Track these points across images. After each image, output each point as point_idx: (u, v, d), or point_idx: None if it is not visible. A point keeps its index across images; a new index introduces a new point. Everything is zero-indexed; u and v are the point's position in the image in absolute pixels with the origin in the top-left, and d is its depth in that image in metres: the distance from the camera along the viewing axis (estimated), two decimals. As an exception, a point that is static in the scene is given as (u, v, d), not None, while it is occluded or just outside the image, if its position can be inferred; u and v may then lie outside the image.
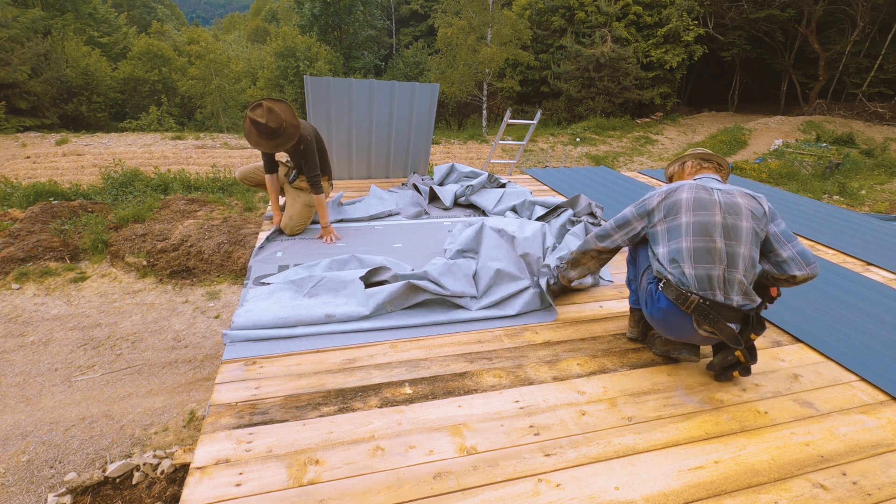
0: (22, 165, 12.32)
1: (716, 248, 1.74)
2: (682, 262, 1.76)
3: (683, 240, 1.78)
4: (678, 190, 1.87)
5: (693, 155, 2.14)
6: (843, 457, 1.61)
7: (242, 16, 53.45)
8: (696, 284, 1.74)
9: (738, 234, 1.76)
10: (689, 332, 1.82)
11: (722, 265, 1.74)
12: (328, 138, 4.57)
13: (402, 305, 2.33)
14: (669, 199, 1.86)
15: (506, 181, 4.30)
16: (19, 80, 16.98)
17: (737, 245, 1.75)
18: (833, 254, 3.45)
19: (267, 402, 1.73)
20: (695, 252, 1.75)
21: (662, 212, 1.86)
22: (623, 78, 20.80)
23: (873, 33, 19.84)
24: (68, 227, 6.12)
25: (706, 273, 1.74)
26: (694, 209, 1.80)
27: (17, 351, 4.20)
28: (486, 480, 1.45)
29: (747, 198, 1.83)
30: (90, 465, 3.09)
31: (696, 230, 1.77)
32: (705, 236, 1.75)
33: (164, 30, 30.38)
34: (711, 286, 1.74)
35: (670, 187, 1.90)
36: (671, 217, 1.84)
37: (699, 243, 1.75)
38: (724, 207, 1.79)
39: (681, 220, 1.80)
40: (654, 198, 1.91)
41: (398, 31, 32.61)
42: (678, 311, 1.78)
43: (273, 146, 2.93)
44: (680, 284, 1.76)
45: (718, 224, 1.76)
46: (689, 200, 1.82)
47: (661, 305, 1.81)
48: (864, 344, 2.28)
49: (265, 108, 2.81)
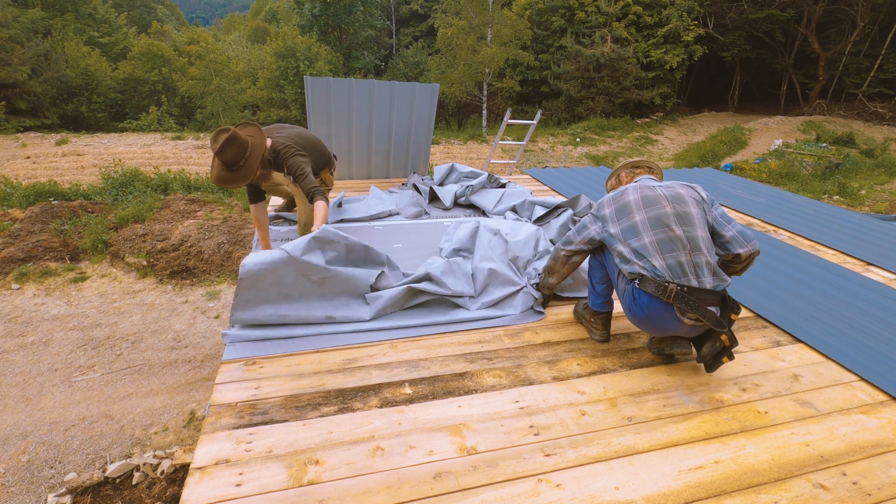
0: (22, 165, 12.32)
1: (676, 236, 1.82)
2: (649, 256, 1.83)
3: (644, 236, 1.85)
4: (623, 193, 1.97)
5: (624, 166, 2.28)
6: (843, 457, 1.61)
7: (242, 16, 53.45)
8: (669, 273, 1.79)
9: (691, 220, 1.86)
10: (674, 323, 1.84)
11: (686, 250, 1.81)
12: (328, 138, 4.57)
13: (402, 307, 2.34)
14: (618, 203, 1.96)
15: (506, 181, 4.30)
16: (19, 80, 16.98)
17: (692, 229, 1.84)
18: (833, 254, 3.45)
19: (267, 403, 1.73)
20: (658, 244, 1.83)
21: (614, 215, 1.95)
22: (623, 78, 20.81)
23: (873, 33, 19.84)
24: (68, 227, 6.12)
25: (675, 261, 1.80)
26: (644, 206, 1.90)
27: (17, 351, 4.20)
28: (486, 480, 1.45)
29: (686, 188, 1.97)
30: (90, 466, 3.09)
31: (653, 224, 1.85)
32: (663, 227, 1.84)
33: (164, 30, 30.36)
34: (684, 272, 1.79)
35: (615, 193, 2.01)
36: (623, 219, 1.92)
37: (660, 234, 1.83)
38: (670, 199, 1.90)
39: (634, 219, 1.89)
40: (604, 204, 2.02)
41: (398, 31, 32.61)
42: (660, 303, 1.81)
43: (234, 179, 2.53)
44: (655, 276, 1.81)
45: (671, 214, 1.86)
46: (636, 200, 1.92)
47: (642, 302, 1.85)
48: (864, 344, 2.28)
49: (226, 139, 2.43)
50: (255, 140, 2.57)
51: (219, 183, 2.54)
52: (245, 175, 2.51)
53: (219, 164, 2.51)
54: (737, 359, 2.13)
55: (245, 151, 2.50)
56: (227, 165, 2.47)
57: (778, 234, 3.83)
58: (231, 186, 2.58)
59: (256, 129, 2.63)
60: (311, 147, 2.97)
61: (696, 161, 15.76)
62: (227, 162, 2.45)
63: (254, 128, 2.64)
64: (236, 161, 2.47)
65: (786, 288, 2.82)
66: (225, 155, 2.43)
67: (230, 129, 2.45)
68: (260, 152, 2.54)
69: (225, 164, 2.46)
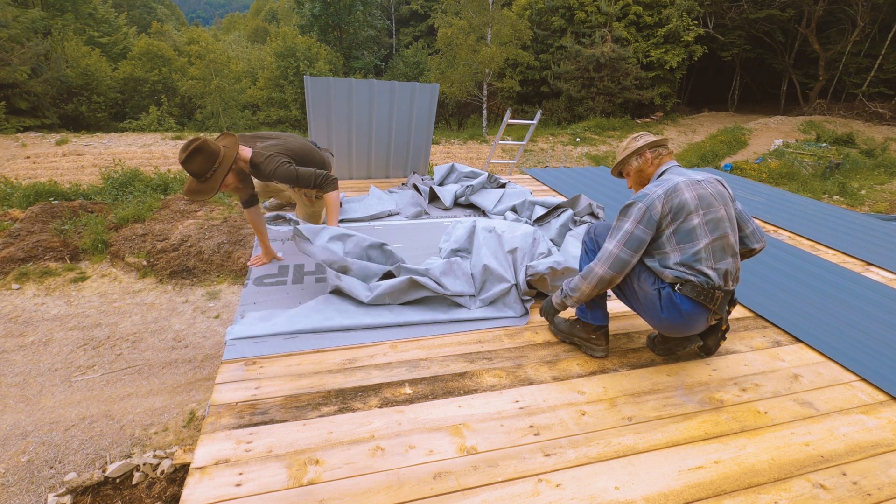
0: (22, 165, 12.31)
1: (728, 244, 1.79)
2: (701, 263, 1.74)
3: (701, 241, 1.74)
4: (676, 191, 1.76)
5: (648, 144, 1.98)
6: (843, 457, 1.61)
7: (242, 16, 53.42)
8: (719, 280, 1.77)
9: (734, 223, 1.85)
10: (700, 325, 1.84)
11: (735, 257, 1.81)
12: (328, 138, 4.57)
13: (401, 300, 2.35)
14: (673, 201, 1.75)
15: (506, 181, 4.30)
16: (19, 80, 16.97)
17: (735, 234, 1.84)
18: (833, 254, 3.45)
19: (267, 403, 1.73)
20: (713, 251, 1.76)
21: (669, 216, 1.76)
22: (623, 78, 20.80)
23: (873, 33, 19.83)
24: (68, 227, 6.12)
25: (724, 268, 1.78)
26: (702, 208, 1.75)
27: (17, 351, 4.20)
28: (486, 480, 1.45)
29: (720, 185, 1.88)
30: (90, 465, 3.09)
31: (711, 229, 1.75)
32: (720, 234, 1.77)
33: (164, 30, 30.35)
34: (727, 279, 1.79)
35: (667, 188, 1.77)
36: (680, 219, 1.75)
37: (717, 242, 1.76)
38: (717, 199, 1.80)
39: (693, 221, 1.74)
40: (656, 204, 1.75)
41: (398, 31, 32.61)
42: (702, 309, 1.78)
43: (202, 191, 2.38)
44: (705, 284, 1.74)
45: (725, 218, 1.80)
46: (693, 199, 1.75)
47: (684, 308, 1.75)
48: (864, 344, 2.28)
49: (194, 148, 2.29)
50: (228, 151, 2.43)
51: (188, 195, 2.39)
52: (211, 187, 2.37)
53: (189, 176, 2.39)
54: (737, 359, 2.13)
55: (213, 162, 2.35)
56: (195, 176, 2.34)
57: (778, 234, 3.83)
58: (200, 198, 2.42)
59: (232, 139, 2.50)
60: (299, 156, 2.77)
61: (696, 161, 15.76)
62: (195, 172, 2.32)
63: (230, 138, 2.51)
64: (204, 172, 2.33)
65: (786, 288, 2.82)
66: (192, 165, 2.30)
67: (200, 139, 2.33)
68: (228, 162, 2.39)
69: (193, 174, 2.34)
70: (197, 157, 2.30)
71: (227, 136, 2.52)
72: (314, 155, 2.92)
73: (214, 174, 2.36)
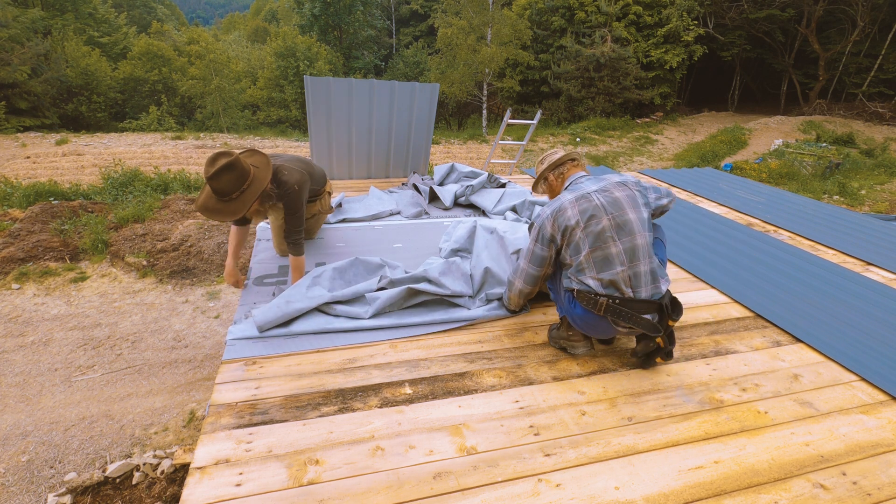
0: (22, 165, 12.31)
1: (612, 254, 1.84)
2: (585, 274, 1.87)
3: (581, 254, 1.87)
4: (560, 210, 1.92)
5: (549, 168, 2.19)
6: (843, 457, 1.61)
7: (242, 16, 53.41)
8: (602, 289, 1.84)
9: (630, 228, 1.87)
10: (610, 330, 1.94)
11: (623, 266, 1.84)
12: (328, 138, 4.57)
13: (401, 307, 2.34)
14: (559, 221, 1.92)
15: (506, 181, 4.30)
16: (19, 80, 16.97)
17: (631, 238, 1.85)
18: (833, 254, 3.45)
19: (267, 403, 1.73)
20: (594, 262, 1.85)
21: (558, 234, 1.93)
22: (623, 78, 20.79)
23: (873, 33, 19.83)
24: (68, 227, 6.12)
25: (609, 278, 1.84)
26: (583, 223, 1.87)
27: (17, 351, 4.20)
28: (486, 480, 1.45)
29: (621, 188, 1.94)
30: (90, 465, 3.09)
31: (591, 242, 1.86)
32: (600, 245, 1.85)
33: (164, 30, 30.35)
34: (617, 287, 1.84)
35: (553, 208, 1.95)
36: (567, 237, 1.92)
37: (596, 253, 1.85)
38: (607, 209, 1.87)
39: (575, 236, 1.89)
40: (545, 224, 1.95)
41: (398, 31, 32.61)
42: (593, 315, 1.88)
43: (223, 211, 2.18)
44: (589, 292, 1.86)
45: (608, 228, 1.85)
46: (574, 216, 1.89)
47: (577, 312, 1.93)
48: (864, 344, 2.28)
49: (224, 165, 2.09)
50: (258, 172, 2.23)
51: (203, 212, 2.18)
52: (236, 209, 2.16)
53: (208, 191, 2.16)
54: (737, 359, 2.13)
55: (243, 182, 2.15)
56: (217, 194, 2.13)
57: (778, 234, 3.83)
58: (218, 218, 2.20)
59: (264, 159, 2.30)
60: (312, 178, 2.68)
61: (697, 161, 15.76)
62: (219, 190, 2.11)
63: (261, 157, 2.31)
64: (230, 192, 2.13)
65: (786, 288, 2.81)
66: (219, 182, 2.09)
67: (232, 154, 2.12)
68: (261, 186, 2.20)
69: (216, 191, 2.12)
70: (226, 174, 2.09)
71: (256, 153, 2.33)
72: (316, 174, 2.82)
73: (242, 195, 2.16)
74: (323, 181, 2.95)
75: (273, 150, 14.73)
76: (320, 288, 2.34)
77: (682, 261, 3.16)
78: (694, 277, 2.96)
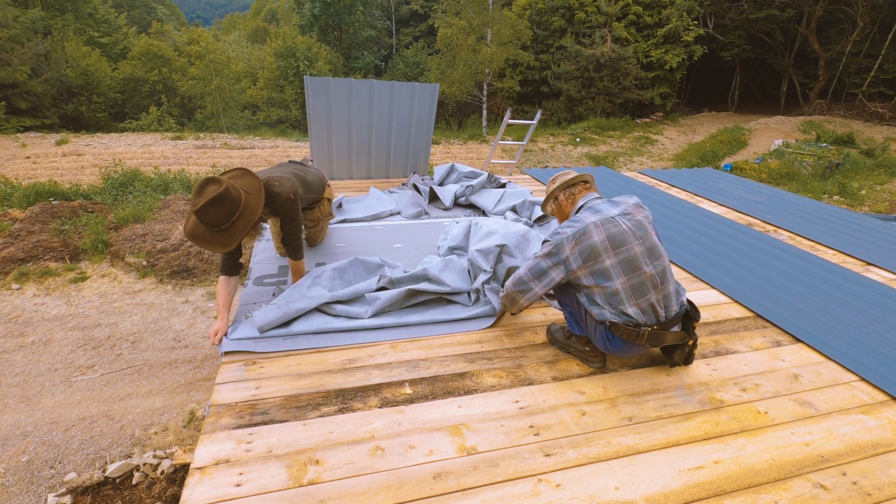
0: (22, 165, 12.31)
1: (647, 278, 1.78)
2: (622, 304, 1.79)
3: (615, 281, 1.77)
4: (586, 234, 1.79)
5: (560, 187, 2.07)
6: (843, 457, 1.61)
7: (242, 16, 53.39)
8: (642, 318, 1.79)
9: (658, 252, 1.83)
10: (642, 351, 1.93)
11: (657, 289, 1.80)
12: (328, 138, 4.57)
13: (401, 306, 2.35)
14: (582, 245, 1.79)
15: (506, 181, 4.30)
16: (19, 80, 16.97)
17: (661, 262, 1.83)
18: (833, 254, 3.45)
19: (267, 403, 1.73)
20: (632, 289, 1.78)
21: (579, 259, 1.80)
22: (623, 78, 20.78)
23: (873, 33, 19.82)
24: (68, 227, 6.12)
25: (647, 304, 1.79)
26: (613, 248, 1.77)
27: (17, 351, 4.20)
28: (486, 480, 1.45)
29: (639, 209, 1.89)
30: (90, 465, 3.09)
31: (625, 268, 1.77)
32: (635, 271, 1.78)
33: (164, 30, 30.34)
34: (655, 312, 1.81)
35: (577, 230, 1.81)
36: (591, 262, 1.78)
37: (633, 280, 1.78)
38: (635, 233, 1.81)
39: (604, 263, 1.77)
40: (564, 246, 1.81)
41: (398, 31, 32.60)
42: (632, 344, 1.84)
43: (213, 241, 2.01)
44: (628, 324, 1.79)
45: (640, 253, 1.79)
46: (603, 241, 1.78)
47: (616, 345, 1.86)
48: (864, 344, 2.28)
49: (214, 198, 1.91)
50: (250, 199, 2.05)
51: (192, 240, 2.00)
52: (226, 241, 2.00)
53: (196, 219, 1.99)
54: (737, 359, 2.13)
55: (234, 212, 1.97)
56: (207, 226, 1.98)
57: (778, 234, 3.83)
58: (207, 248, 2.04)
59: (256, 183, 2.10)
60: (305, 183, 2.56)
61: (696, 161, 15.76)
62: (209, 224, 1.96)
63: (252, 180, 2.11)
64: (219, 224, 1.97)
65: (786, 288, 2.81)
66: (207, 216, 1.92)
67: (221, 183, 1.94)
68: (252, 217, 2.03)
69: (203, 223, 1.97)
70: (215, 208, 1.92)
71: (247, 175, 2.12)
72: (312, 183, 2.70)
73: (232, 227, 1.99)
74: (320, 188, 2.81)
75: (273, 150, 14.73)
76: (320, 288, 2.34)
77: (682, 261, 3.16)
78: (694, 277, 2.96)
